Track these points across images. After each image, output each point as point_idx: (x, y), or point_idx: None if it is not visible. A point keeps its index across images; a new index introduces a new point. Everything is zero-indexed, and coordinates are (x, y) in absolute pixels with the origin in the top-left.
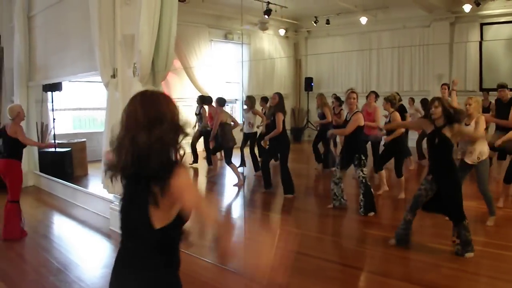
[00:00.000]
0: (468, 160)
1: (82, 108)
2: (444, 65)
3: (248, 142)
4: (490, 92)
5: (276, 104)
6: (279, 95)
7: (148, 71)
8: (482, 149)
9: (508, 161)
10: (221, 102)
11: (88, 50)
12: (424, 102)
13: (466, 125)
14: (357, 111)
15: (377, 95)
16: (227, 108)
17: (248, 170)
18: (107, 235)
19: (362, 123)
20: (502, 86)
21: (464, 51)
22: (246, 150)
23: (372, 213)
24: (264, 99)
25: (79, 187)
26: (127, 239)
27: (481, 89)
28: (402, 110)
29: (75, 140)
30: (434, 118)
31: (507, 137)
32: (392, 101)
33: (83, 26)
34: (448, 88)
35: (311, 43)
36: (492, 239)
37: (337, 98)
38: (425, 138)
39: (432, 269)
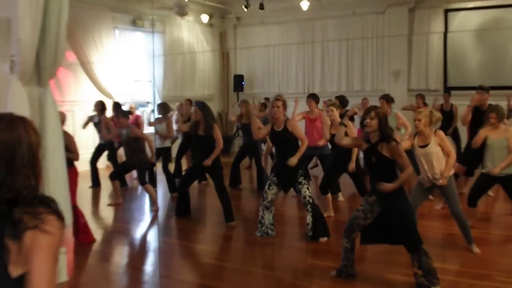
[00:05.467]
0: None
1: None
2: (402, 60)
3: (161, 159)
4: (453, 92)
5: (203, 117)
6: (203, 105)
7: (31, 67)
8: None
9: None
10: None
11: None
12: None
13: (421, 146)
14: (288, 119)
15: (316, 99)
16: (137, 112)
17: (163, 191)
18: None
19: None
20: (482, 88)
21: (426, 43)
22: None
23: (325, 238)
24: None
25: None
26: None
27: (446, 88)
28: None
29: None
30: (368, 131)
31: (506, 163)
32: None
33: None
34: (423, 99)
35: (241, 33)
36: (465, 267)
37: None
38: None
39: None
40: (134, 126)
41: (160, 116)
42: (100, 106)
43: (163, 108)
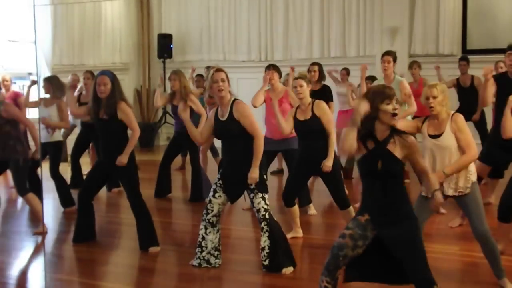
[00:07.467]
0: (450, 193)
1: None
2: (401, 13)
3: (49, 159)
4: (474, 58)
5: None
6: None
7: None
8: (470, 169)
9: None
10: None
11: None
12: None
13: (433, 136)
14: (236, 99)
15: (279, 72)
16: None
17: (53, 204)
18: None
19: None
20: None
21: None
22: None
23: (290, 269)
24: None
25: None
26: None
27: (465, 51)
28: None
29: None
30: (389, 122)
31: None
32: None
33: None
34: (420, 68)
35: None
36: None
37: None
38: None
39: None
40: (9, 103)
41: (48, 95)
42: None
43: (53, 84)
